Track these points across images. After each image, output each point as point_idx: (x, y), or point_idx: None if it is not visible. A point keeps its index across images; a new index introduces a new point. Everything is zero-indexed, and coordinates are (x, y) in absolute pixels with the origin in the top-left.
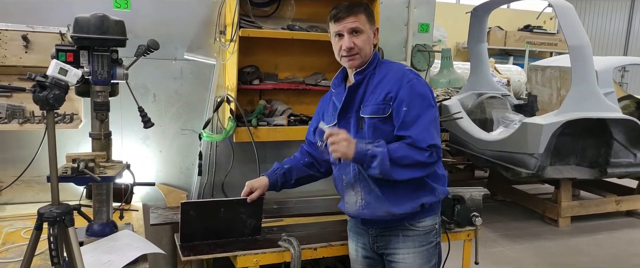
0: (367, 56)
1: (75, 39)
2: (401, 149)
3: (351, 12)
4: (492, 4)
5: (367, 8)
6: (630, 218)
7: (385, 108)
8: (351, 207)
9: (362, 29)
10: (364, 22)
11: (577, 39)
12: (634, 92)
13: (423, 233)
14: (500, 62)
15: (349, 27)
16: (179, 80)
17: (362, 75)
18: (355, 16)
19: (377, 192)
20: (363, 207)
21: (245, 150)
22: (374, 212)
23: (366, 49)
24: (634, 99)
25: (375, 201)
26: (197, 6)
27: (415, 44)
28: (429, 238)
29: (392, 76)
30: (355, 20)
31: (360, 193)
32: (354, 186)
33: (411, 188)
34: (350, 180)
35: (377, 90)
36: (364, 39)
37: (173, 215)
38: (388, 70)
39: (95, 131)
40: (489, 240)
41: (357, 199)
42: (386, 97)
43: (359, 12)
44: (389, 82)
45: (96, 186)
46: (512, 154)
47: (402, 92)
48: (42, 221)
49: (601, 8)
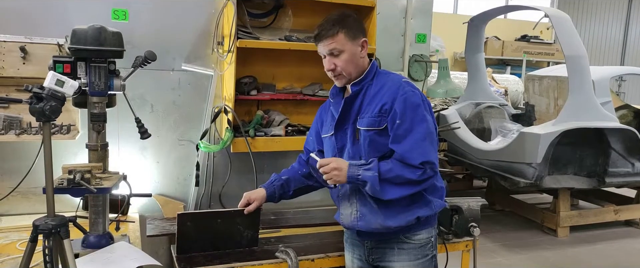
0: (352, 73)
1: (73, 50)
2: (394, 169)
3: (327, 35)
4: (489, 15)
5: (346, 24)
6: (629, 228)
7: (381, 121)
8: (346, 218)
9: (341, 49)
10: (342, 41)
11: (574, 49)
12: (631, 102)
13: (418, 246)
14: (497, 72)
15: (327, 50)
16: (177, 90)
17: (359, 86)
18: (332, 38)
19: (372, 204)
20: (358, 219)
21: (242, 160)
22: (369, 224)
23: (349, 67)
24: (631, 109)
25: (370, 213)
26: (194, 17)
27: (413, 54)
28: (424, 251)
29: (389, 88)
30: (331, 41)
31: (356, 204)
32: (349, 198)
33: (406, 201)
34: (345, 191)
35: (374, 101)
36: (345, 59)
37: (170, 226)
38: (385, 81)
39: (92, 142)
40: (487, 250)
41: (352, 211)
42: (381, 109)
43: (336, 33)
44: (385, 94)
45: (92, 197)
46: (510, 164)
47: (396, 104)
48: (37, 233)
49: (598, 17)
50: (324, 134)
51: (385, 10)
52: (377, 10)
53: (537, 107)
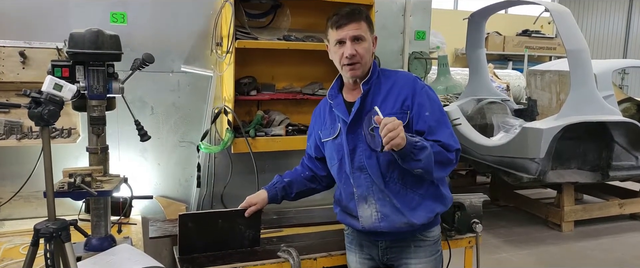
0: (367, 65)
1: (71, 54)
2: (436, 146)
3: (353, 19)
4: (489, 10)
5: (367, 16)
6: (634, 222)
7: (403, 116)
8: (366, 220)
9: (364, 37)
10: (365, 29)
11: (575, 43)
12: (634, 95)
13: (433, 242)
14: (499, 67)
15: (351, 34)
16: (177, 92)
17: (369, 85)
18: (358, 23)
19: (394, 203)
20: (379, 220)
21: (243, 161)
22: (393, 224)
23: (367, 57)
24: (634, 102)
25: (393, 213)
26: (193, 19)
27: (412, 52)
28: (436, 247)
29: (404, 83)
30: (357, 27)
31: (375, 206)
32: (367, 199)
33: (427, 197)
34: (362, 193)
35: (390, 98)
36: (365, 47)
37: (172, 228)
38: (395, 77)
39: (92, 145)
40: (492, 246)
41: (371, 212)
42: (403, 104)
43: (361, 19)
44: (402, 90)
45: (94, 200)
46: (513, 159)
47: (419, 97)
48: (38, 237)
49: (599, 11)
50: (326, 137)
51: (384, 8)
52: (376, 8)
53: (540, 101)
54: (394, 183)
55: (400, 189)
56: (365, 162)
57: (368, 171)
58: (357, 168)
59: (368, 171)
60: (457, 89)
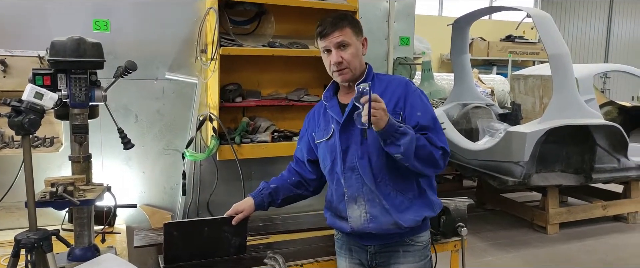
0: (357, 69)
1: (52, 62)
2: (422, 139)
3: (336, 27)
4: (473, 16)
5: (352, 20)
6: (617, 223)
7: (395, 117)
8: (355, 221)
9: (349, 42)
10: (349, 35)
11: (556, 48)
12: (615, 98)
13: (422, 247)
14: (483, 72)
15: (335, 41)
16: (161, 100)
17: None
18: (341, 30)
19: (384, 204)
20: (368, 221)
21: (229, 168)
22: (381, 225)
23: (355, 62)
24: (615, 105)
25: (381, 214)
26: (177, 26)
27: (397, 57)
28: (426, 252)
29: (397, 86)
30: (340, 34)
31: (364, 206)
32: (356, 200)
33: (416, 202)
34: (353, 193)
35: (383, 99)
36: (351, 52)
37: (157, 237)
38: (388, 80)
39: (75, 154)
40: (478, 250)
41: (361, 213)
42: (396, 106)
43: (344, 26)
44: (395, 92)
45: (77, 210)
46: (498, 163)
47: (411, 99)
48: (19, 248)
49: (580, 15)
50: (320, 138)
51: (368, 15)
52: (360, 15)
53: (523, 106)
54: (385, 185)
55: (391, 191)
56: (357, 163)
57: (359, 171)
58: (349, 168)
59: (359, 171)
60: (441, 93)
